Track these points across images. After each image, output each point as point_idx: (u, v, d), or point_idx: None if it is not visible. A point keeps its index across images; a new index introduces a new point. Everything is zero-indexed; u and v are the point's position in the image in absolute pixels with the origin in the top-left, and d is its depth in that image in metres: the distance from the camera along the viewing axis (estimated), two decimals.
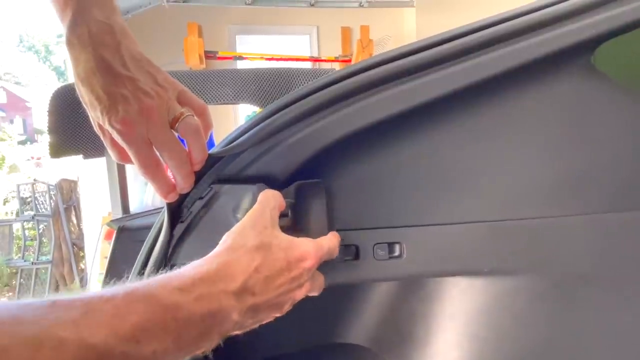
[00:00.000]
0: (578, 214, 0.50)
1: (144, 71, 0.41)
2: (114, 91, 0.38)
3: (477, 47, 0.46)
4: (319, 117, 0.46)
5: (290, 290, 0.40)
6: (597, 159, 0.50)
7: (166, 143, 0.41)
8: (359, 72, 0.47)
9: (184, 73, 1.16)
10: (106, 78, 0.38)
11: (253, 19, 4.03)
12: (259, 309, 0.37)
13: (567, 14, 0.47)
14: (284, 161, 0.46)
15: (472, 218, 0.49)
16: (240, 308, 0.35)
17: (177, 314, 0.30)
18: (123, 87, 0.39)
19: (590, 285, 0.51)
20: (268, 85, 1.31)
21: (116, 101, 0.38)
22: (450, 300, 0.52)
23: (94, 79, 0.38)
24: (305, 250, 0.41)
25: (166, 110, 0.41)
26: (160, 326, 0.29)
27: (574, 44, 0.47)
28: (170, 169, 0.43)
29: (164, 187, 0.43)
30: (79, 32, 0.39)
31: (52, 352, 0.24)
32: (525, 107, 0.50)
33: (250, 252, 0.37)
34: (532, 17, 0.47)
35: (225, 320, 0.34)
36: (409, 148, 0.49)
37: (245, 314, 0.36)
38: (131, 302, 0.29)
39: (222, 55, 3.91)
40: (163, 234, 0.46)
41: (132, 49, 0.41)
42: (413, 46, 0.47)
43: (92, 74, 0.38)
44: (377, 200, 0.50)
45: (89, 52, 0.39)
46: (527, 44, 0.46)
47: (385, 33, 4.04)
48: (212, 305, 0.32)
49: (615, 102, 0.51)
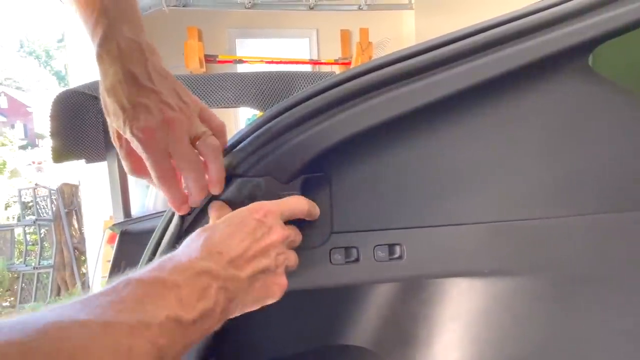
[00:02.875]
0: (577, 214, 0.50)
1: (169, 87, 0.43)
2: (138, 101, 0.40)
3: (475, 50, 0.47)
4: (320, 120, 0.47)
5: (258, 240, 0.40)
6: (595, 160, 0.51)
7: (185, 155, 0.42)
8: (361, 74, 0.47)
9: (185, 77, 1.17)
10: (132, 89, 0.40)
11: (253, 22, 4.05)
12: (241, 263, 0.38)
13: (564, 16, 0.47)
14: (288, 161, 0.47)
15: (472, 219, 0.50)
16: (217, 264, 0.36)
17: (166, 283, 0.33)
18: (147, 98, 0.41)
19: (590, 285, 0.51)
20: (268, 88, 1.32)
21: (139, 111, 0.40)
22: (450, 302, 0.53)
23: (120, 89, 0.40)
24: (246, 208, 0.42)
25: (188, 125, 0.43)
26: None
27: (571, 46, 0.47)
28: (186, 181, 0.45)
29: (177, 199, 0.45)
30: (109, 47, 0.41)
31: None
32: (523, 109, 0.50)
33: (193, 237, 0.39)
34: (530, 20, 0.47)
35: (212, 276, 0.35)
36: (408, 150, 0.50)
37: (229, 268, 0.37)
38: (124, 287, 0.32)
39: (222, 59, 3.92)
40: (173, 225, 0.47)
41: (158, 65, 0.43)
42: (410, 50, 0.48)
43: (119, 85, 0.40)
44: (378, 202, 0.50)
45: (118, 66, 0.41)
46: (525, 46, 0.47)
47: (385, 35, 4.05)
48: (190, 271, 0.35)
49: (613, 103, 0.51)
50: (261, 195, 0.47)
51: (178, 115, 0.42)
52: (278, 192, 0.47)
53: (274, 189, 0.47)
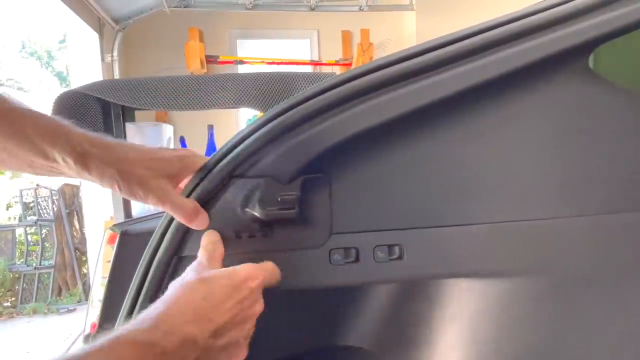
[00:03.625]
0: (577, 215, 0.50)
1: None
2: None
3: (475, 50, 0.47)
4: (320, 120, 0.47)
5: (244, 310, 0.42)
6: (595, 161, 0.51)
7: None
8: (361, 75, 0.47)
9: (186, 78, 1.17)
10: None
11: (254, 23, 4.05)
12: (223, 332, 0.40)
13: (564, 17, 0.47)
14: (288, 161, 0.47)
15: (472, 220, 0.50)
16: (202, 334, 0.38)
17: (155, 350, 0.35)
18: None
19: (591, 286, 0.51)
20: (269, 89, 1.32)
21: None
22: (450, 302, 0.53)
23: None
24: (247, 271, 0.44)
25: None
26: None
27: (571, 47, 0.47)
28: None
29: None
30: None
31: None
32: (524, 110, 0.50)
33: (192, 286, 0.41)
34: (530, 21, 0.47)
35: (194, 347, 0.37)
36: (408, 151, 0.50)
37: (209, 339, 0.39)
38: (120, 349, 0.34)
39: (223, 60, 3.92)
40: (173, 226, 0.47)
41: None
42: (409, 51, 0.48)
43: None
44: (377, 202, 0.50)
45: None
46: (525, 47, 0.47)
47: (386, 36, 4.05)
48: (177, 337, 0.37)
49: (614, 103, 0.51)
50: (261, 195, 0.47)
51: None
52: (278, 192, 0.47)
53: (274, 190, 0.47)
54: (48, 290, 3.92)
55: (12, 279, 4.06)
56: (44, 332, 3.33)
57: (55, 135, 0.42)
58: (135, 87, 1.10)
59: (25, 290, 3.95)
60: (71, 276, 4.00)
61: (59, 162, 0.43)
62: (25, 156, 0.42)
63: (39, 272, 3.99)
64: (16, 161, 0.43)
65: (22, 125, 0.41)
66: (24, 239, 4.32)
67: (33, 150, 0.42)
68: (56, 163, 0.43)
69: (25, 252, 4.23)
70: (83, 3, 2.89)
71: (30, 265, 4.06)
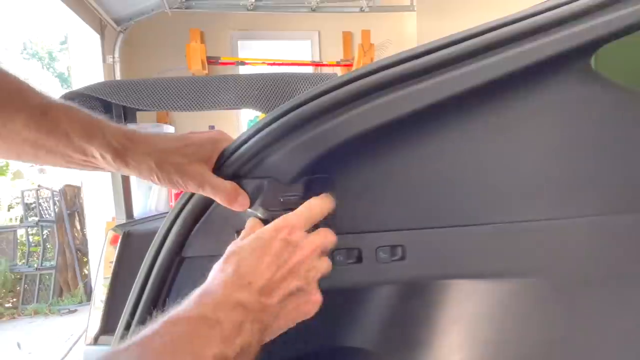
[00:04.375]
0: (581, 216, 0.50)
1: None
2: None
3: (478, 51, 0.47)
4: (322, 121, 0.47)
5: (285, 261, 0.41)
6: (598, 161, 0.51)
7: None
8: (363, 76, 0.47)
9: (188, 79, 1.17)
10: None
11: (255, 24, 4.06)
12: (272, 289, 0.40)
13: (566, 18, 0.47)
14: (291, 162, 0.47)
15: (474, 221, 0.50)
16: (250, 296, 0.38)
17: (210, 321, 0.35)
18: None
19: (593, 288, 0.51)
20: (270, 90, 1.32)
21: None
22: (453, 303, 0.53)
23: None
24: (273, 226, 0.43)
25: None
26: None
27: (573, 47, 0.47)
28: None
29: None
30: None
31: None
32: (526, 110, 0.50)
33: (222, 262, 0.41)
34: (532, 21, 0.47)
35: (246, 311, 0.37)
36: (410, 151, 0.50)
37: (260, 299, 0.38)
38: (174, 327, 0.34)
39: (224, 61, 3.93)
40: (176, 226, 0.47)
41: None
42: (412, 52, 0.48)
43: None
44: (379, 203, 0.50)
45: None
46: (527, 48, 0.47)
47: (386, 37, 4.05)
48: (227, 305, 0.37)
49: (616, 104, 0.51)
50: (263, 196, 0.47)
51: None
52: (281, 193, 0.47)
53: (277, 190, 0.47)
54: (49, 291, 3.92)
55: (13, 279, 4.06)
56: (45, 333, 3.33)
57: (92, 131, 0.42)
58: (137, 88, 1.11)
59: (27, 291, 3.95)
60: (72, 277, 4.00)
61: (97, 157, 0.43)
62: (64, 152, 0.42)
63: (40, 273, 3.99)
64: (54, 157, 0.43)
65: (60, 122, 0.41)
66: (25, 239, 4.32)
67: (71, 146, 0.42)
68: (94, 158, 0.43)
69: (27, 253, 4.23)
70: (85, 4, 2.89)
71: (31, 266, 4.06)
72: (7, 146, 0.41)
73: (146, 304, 0.48)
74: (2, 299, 3.93)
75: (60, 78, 10.30)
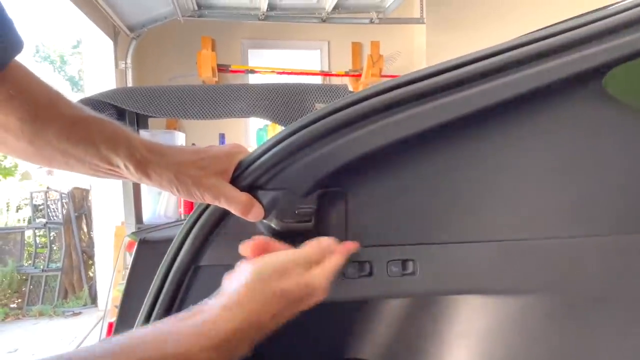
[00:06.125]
0: (591, 235, 0.51)
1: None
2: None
3: (491, 71, 0.48)
4: (337, 137, 0.48)
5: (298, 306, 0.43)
6: (609, 181, 0.51)
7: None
8: (377, 94, 0.48)
9: (201, 87, 1.19)
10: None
11: (265, 33, 4.10)
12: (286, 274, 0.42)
13: (580, 40, 0.48)
14: (306, 175, 0.48)
15: (485, 237, 0.50)
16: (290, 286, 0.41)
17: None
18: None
19: (603, 306, 0.51)
20: (280, 100, 1.33)
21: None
22: (462, 318, 0.53)
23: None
24: (307, 282, 0.43)
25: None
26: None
27: (586, 69, 0.48)
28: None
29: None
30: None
31: None
32: (538, 130, 0.51)
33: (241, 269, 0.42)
34: (546, 43, 0.48)
35: (281, 300, 0.40)
36: (423, 167, 0.51)
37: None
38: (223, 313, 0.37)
39: (234, 69, 3.97)
40: (192, 235, 0.48)
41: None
42: (426, 70, 0.49)
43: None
44: (392, 217, 0.51)
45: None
46: (541, 69, 0.48)
47: (396, 49, 4.07)
48: (268, 291, 0.40)
49: (627, 125, 0.52)
50: (278, 208, 0.48)
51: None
52: (295, 205, 0.48)
53: (292, 202, 0.48)
54: (54, 293, 3.94)
55: (19, 280, 4.08)
56: (49, 334, 3.34)
57: (117, 142, 0.44)
58: (150, 95, 1.12)
59: (32, 292, 3.97)
60: (78, 279, 4.02)
61: (121, 167, 0.44)
62: (92, 161, 0.44)
63: (46, 274, 4.01)
64: (82, 166, 0.44)
65: (89, 132, 0.43)
66: (32, 241, 4.35)
67: (98, 156, 0.43)
68: (119, 168, 0.44)
69: (34, 254, 4.26)
70: (99, 10, 2.94)
71: (37, 267, 4.08)
72: (40, 154, 0.42)
73: (160, 311, 0.49)
74: (8, 300, 3.95)
75: (71, 81, 10.42)
